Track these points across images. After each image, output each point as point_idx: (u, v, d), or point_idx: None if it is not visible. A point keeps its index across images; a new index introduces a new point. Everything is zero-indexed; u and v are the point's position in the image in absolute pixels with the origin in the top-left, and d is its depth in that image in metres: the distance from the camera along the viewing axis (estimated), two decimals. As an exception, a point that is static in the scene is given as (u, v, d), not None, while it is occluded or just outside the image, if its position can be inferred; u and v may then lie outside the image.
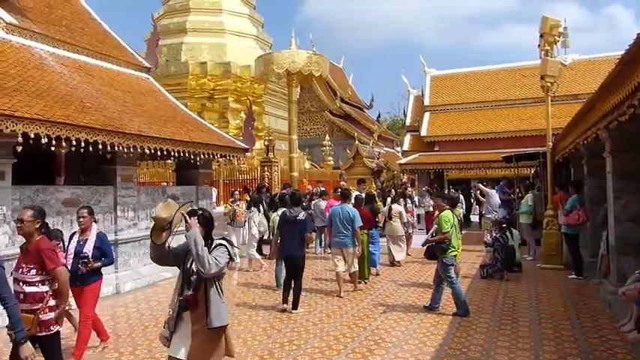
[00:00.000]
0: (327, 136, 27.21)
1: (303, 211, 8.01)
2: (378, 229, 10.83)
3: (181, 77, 23.41)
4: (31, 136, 6.67)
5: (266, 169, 17.70)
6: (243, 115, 19.74)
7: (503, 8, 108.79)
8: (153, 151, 8.95)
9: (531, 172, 18.16)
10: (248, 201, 12.06)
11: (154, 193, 10.37)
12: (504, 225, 10.35)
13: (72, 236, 5.75)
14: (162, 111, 10.70)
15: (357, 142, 20.92)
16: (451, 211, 7.48)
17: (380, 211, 11.13)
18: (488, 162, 19.05)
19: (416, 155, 21.55)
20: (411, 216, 13.02)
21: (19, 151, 6.84)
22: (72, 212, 8.21)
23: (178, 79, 23.26)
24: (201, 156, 10.41)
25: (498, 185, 14.85)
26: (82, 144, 7.49)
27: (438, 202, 7.87)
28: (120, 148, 8.22)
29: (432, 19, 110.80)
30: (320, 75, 14.21)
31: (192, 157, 10.10)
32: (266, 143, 18.32)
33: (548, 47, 10.74)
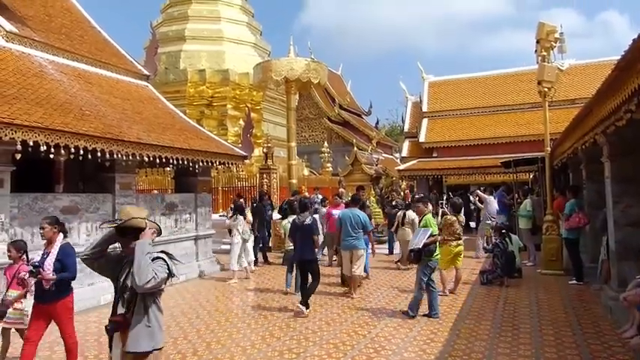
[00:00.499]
0: (325, 143, 27.27)
1: (310, 216, 8.30)
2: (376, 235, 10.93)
3: (180, 85, 23.45)
4: (30, 143, 6.67)
5: (265, 176, 17.69)
6: (241, 122, 19.76)
7: (500, 14, 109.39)
8: (152, 158, 8.95)
9: (530, 177, 18.19)
10: (232, 209, 11.46)
11: (152, 201, 10.37)
12: (504, 231, 10.35)
13: None
14: (161, 118, 10.72)
15: (355, 148, 20.98)
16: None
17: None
18: (487, 167, 19.10)
19: (414, 161, 21.59)
20: None
21: (18, 158, 6.84)
22: (71, 220, 8.22)
23: (177, 87, 23.30)
24: (200, 163, 10.42)
25: (497, 191, 14.85)
26: (81, 151, 7.49)
27: (420, 207, 7.99)
28: (119, 156, 8.22)
29: (430, 25, 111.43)
30: (318, 82, 14.27)
31: (190, 164, 10.10)
32: (265, 150, 18.32)
33: (545, 53, 10.80)
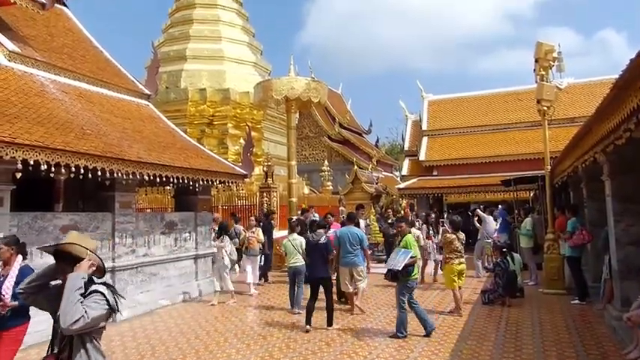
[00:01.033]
0: (325, 162, 27.28)
1: (324, 235, 8.43)
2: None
3: (181, 104, 23.58)
4: (31, 162, 6.68)
5: (265, 194, 17.67)
6: (242, 141, 19.81)
7: (498, 34, 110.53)
8: (152, 177, 8.95)
9: (530, 195, 18.17)
10: (217, 229, 10.71)
11: (152, 220, 10.33)
12: (504, 249, 10.29)
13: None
14: (161, 137, 10.75)
15: (355, 167, 20.99)
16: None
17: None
18: (487, 186, 19.10)
19: (415, 180, 21.60)
20: (432, 242, 12.91)
21: (18, 177, 6.84)
22: (70, 239, 8.17)
23: (178, 106, 23.43)
24: (200, 182, 10.41)
25: (499, 210, 14.82)
26: (82, 170, 7.49)
27: (404, 227, 7.99)
28: (119, 175, 8.22)
29: (429, 44, 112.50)
30: (319, 101, 14.32)
31: (191, 183, 10.10)
32: (265, 169, 18.34)
33: (544, 72, 10.87)
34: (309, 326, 7.76)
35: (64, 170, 7.46)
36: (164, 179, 9.35)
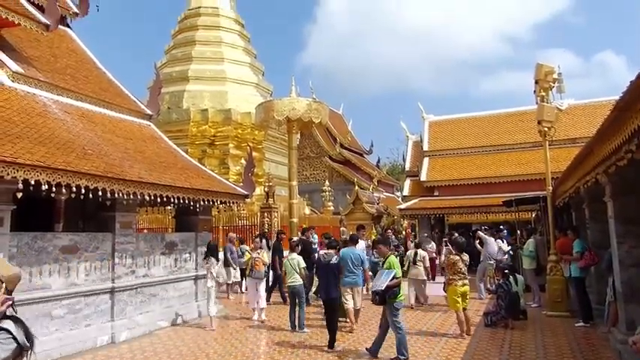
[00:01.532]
0: (327, 182, 27.31)
1: (335, 255, 8.56)
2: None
3: (183, 124, 23.73)
4: (32, 182, 6.68)
5: (266, 215, 17.65)
6: (243, 161, 19.86)
7: (497, 55, 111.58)
8: (153, 197, 8.93)
9: (532, 216, 18.10)
10: (205, 251, 10.44)
11: (152, 240, 10.28)
12: (506, 271, 10.20)
13: None
14: (162, 157, 10.76)
15: (356, 187, 20.99)
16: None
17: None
18: (489, 206, 19.03)
19: (416, 200, 21.55)
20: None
21: (19, 197, 6.82)
22: (70, 259, 8.14)
23: (180, 126, 23.57)
24: (201, 202, 10.38)
25: (502, 231, 14.76)
26: (83, 190, 7.47)
27: (382, 249, 8.00)
28: (120, 195, 8.20)
29: (429, 65, 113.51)
30: (320, 121, 14.38)
31: (191, 203, 10.07)
32: (266, 189, 18.34)
33: (544, 93, 10.92)
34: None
35: (64, 190, 7.44)
36: (165, 199, 9.32)
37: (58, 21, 10.14)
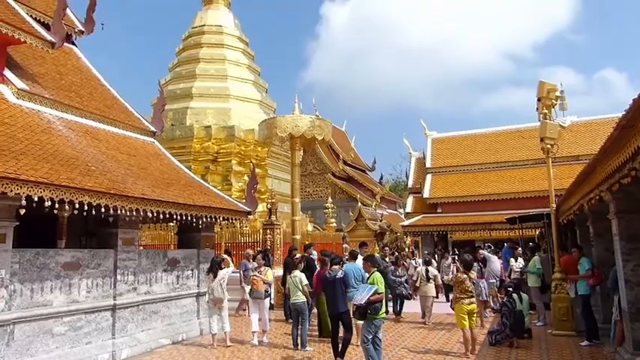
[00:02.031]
0: (329, 199, 27.28)
1: (341, 270, 8.45)
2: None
3: (186, 140, 23.83)
4: (35, 199, 6.68)
5: (268, 231, 17.60)
6: (246, 177, 19.88)
7: (500, 72, 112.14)
8: (155, 214, 8.92)
9: (536, 233, 18.02)
10: (209, 266, 10.16)
11: (154, 257, 10.25)
12: (510, 289, 10.11)
13: None
14: (165, 174, 10.78)
15: (359, 204, 20.94)
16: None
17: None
18: (492, 223, 18.97)
19: (419, 217, 21.50)
20: (485, 283, 12.72)
21: (22, 214, 6.82)
22: (71, 276, 8.10)
23: (183, 143, 23.67)
24: (204, 219, 10.37)
25: (505, 248, 14.67)
26: (86, 207, 7.47)
27: (367, 265, 7.94)
28: (122, 212, 8.20)
29: (432, 83, 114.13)
30: (323, 138, 14.41)
31: (194, 220, 10.05)
32: (269, 206, 18.31)
33: (547, 110, 10.94)
34: (339, 358, 7.82)
35: (67, 207, 7.44)
36: (167, 216, 9.32)
37: (63, 39, 10.24)
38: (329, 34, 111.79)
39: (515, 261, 13.69)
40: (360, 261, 10.99)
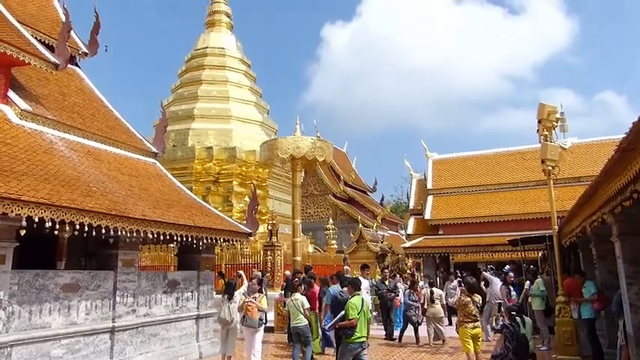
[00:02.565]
0: (330, 220, 27.20)
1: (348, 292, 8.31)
2: None
3: (187, 161, 23.88)
4: (36, 219, 6.66)
5: (269, 253, 17.51)
6: (247, 198, 19.87)
7: (500, 94, 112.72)
8: (156, 235, 8.88)
9: (539, 255, 17.90)
10: (225, 288, 9.62)
11: (154, 279, 10.17)
12: (513, 312, 9.97)
13: None
14: (166, 195, 10.77)
15: (360, 225, 20.85)
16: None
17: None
18: (494, 245, 18.88)
19: (420, 239, 21.41)
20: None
21: (22, 234, 6.80)
22: (71, 298, 8.03)
23: (184, 164, 23.72)
24: (204, 240, 10.31)
25: (506, 268, 14.54)
26: (86, 228, 7.45)
27: (349, 288, 7.80)
28: (123, 233, 8.17)
29: (433, 103, 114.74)
30: (324, 160, 14.45)
31: (194, 241, 10.00)
32: (269, 227, 18.25)
33: (547, 132, 10.96)
34: None
35: (68, 228, 7.42)
36: (168, 237, 9.27)
37: (67, 60, 10.36)
38: (330, 56, 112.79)
39: (508, 288, 13.15)
40: (365, 284, 10.99)
